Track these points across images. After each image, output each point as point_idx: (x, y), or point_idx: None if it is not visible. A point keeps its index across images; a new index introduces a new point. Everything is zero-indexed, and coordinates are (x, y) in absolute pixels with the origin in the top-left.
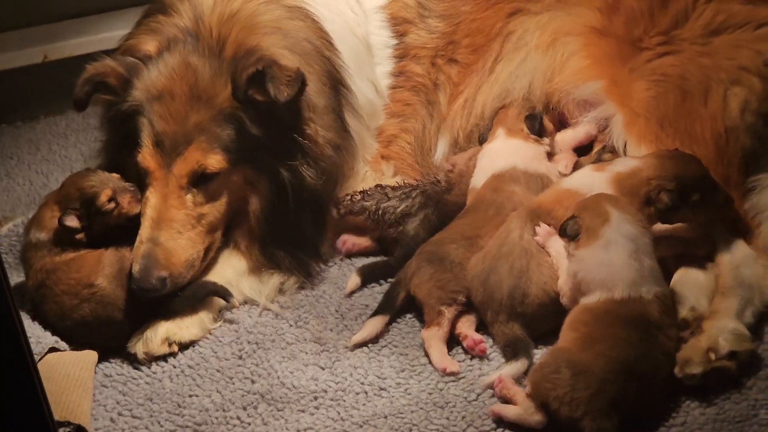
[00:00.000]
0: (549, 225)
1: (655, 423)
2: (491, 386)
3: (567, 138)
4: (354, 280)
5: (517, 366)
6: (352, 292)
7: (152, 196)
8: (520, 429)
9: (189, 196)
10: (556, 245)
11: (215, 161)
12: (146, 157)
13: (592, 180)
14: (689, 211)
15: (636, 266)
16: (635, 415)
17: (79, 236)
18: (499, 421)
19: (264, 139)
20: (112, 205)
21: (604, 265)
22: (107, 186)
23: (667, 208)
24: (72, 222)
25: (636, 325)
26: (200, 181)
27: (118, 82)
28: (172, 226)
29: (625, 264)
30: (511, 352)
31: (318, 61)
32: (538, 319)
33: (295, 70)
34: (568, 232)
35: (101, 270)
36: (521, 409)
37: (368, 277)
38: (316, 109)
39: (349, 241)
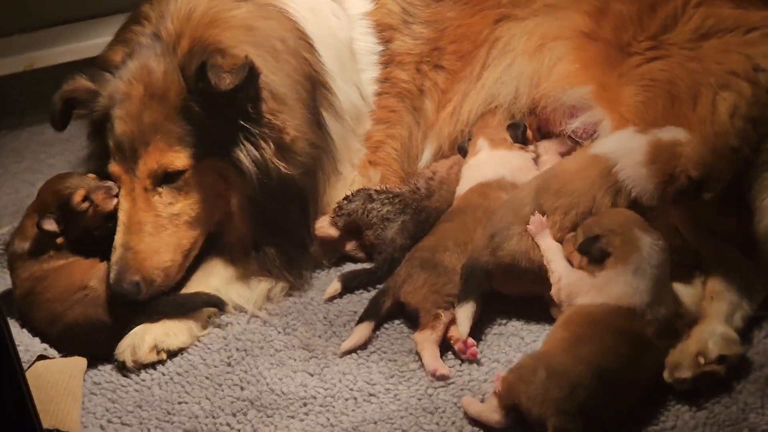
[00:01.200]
0: (559, 199)
1: (645, 427)
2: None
3: (553, 144)
4: (334, 286)
5: (466, 309)
6: (332, 298)
7: (123, 201)
8: None
9: (156, 198)
10: (547, 241)
11: (176, 159)
12: (112, 162)
13: (624, 142)
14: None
15: (656, 290)
16: (608, 425)
17: (59, 240)
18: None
19: (224, 130)
20: (87, 204)
21: (630, 287)
22: (81, 186)
23: (681, 190)
24: (50, 225)
25: (627, 338)
26: (166, 180)
27: (87, 96)
28: (143, 229)
29: (648, 289)
30: (464, 286)
31: (291, 60)
32: (498, 274)
33: (243, 58)
34: (593, 254)
35: (95, 274)
36: (485, 405)
37: (350, 283)
38: (284, 101)
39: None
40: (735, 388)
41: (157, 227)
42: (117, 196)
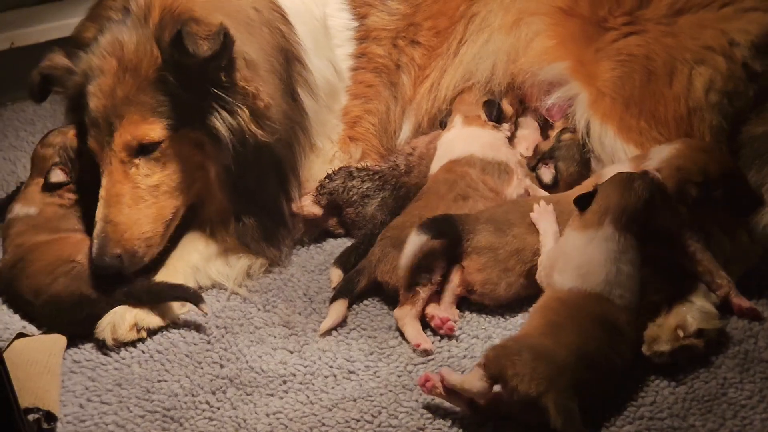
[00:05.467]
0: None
1: (625, 403)
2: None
3: (532, 120)
4: (336, 272)
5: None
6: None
7: (103, 177)
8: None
9: (134, 170)
10: (546, 225)
11: (151, 130)
12: (89, 138)
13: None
14: (713, 208)
15: (612, 270)
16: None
17: (70, 186)
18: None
19: (199, 99)
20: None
21: (581, 254)
22: (68, 130)
23: (693, 201)
24: (58, 177)
25: (603, 324)
26: (143, 152)
27: (63, 73)
28: (121, 201)
29: (602, 264)
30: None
31: (265, 30)
32: None
33: (217, 24)
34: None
35: (82, 249)
36: (468, 375)
37: (347, 265)
38: (257, 69)
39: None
40: (714, 363)
41: (135, 199)
42: None
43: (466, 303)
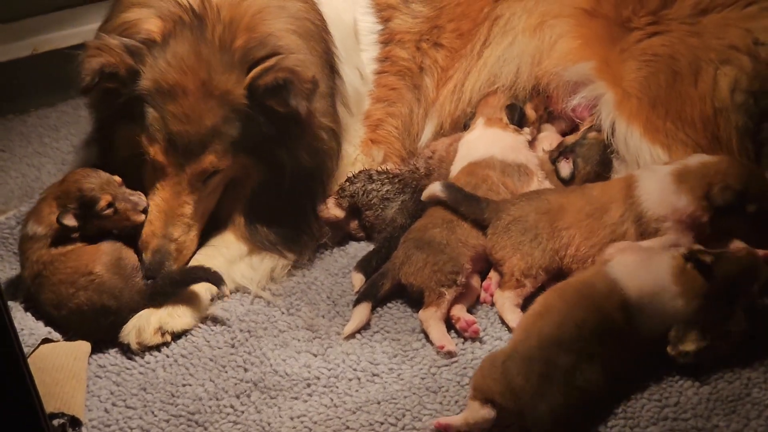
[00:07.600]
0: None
1: (649, 403)
2: None
3: (553, 125)
4: (357, 277)
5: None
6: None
7: (164, 190)
8: None
9: (198, 192)
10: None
11: (227, 160)
12: (158, 152)
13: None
14: (740, 220)
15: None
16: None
17: (75, 235)
18: None
19: (272, 132)
20: (111, 211)
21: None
22: (107, 191)
23: (724, 204)
24: (70, 221)
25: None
26: (210, 176)
27: (127, 73)
28: (185, 222)
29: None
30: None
31: (319, 43)
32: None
33: (311, 78)
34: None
35: (100, 259)
36: (466, 412)
37: (368, 269)
38: (322, 95)
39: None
40: (738, 363)
41: (195, 219)
42: (145, 212)
43: (489, 305)
